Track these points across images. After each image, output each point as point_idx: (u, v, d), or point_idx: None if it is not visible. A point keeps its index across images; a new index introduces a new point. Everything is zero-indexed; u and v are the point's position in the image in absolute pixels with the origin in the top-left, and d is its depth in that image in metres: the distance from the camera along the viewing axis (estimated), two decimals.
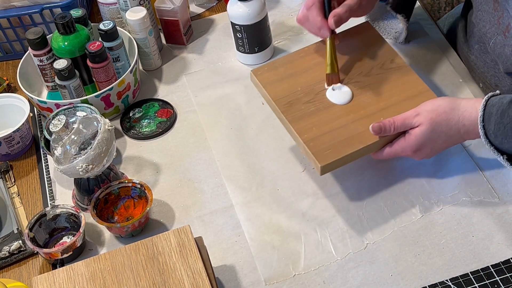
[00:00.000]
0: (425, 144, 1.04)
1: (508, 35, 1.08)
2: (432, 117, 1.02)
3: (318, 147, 1.04)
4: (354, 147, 1.04)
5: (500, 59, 1.13)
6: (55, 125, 1.07)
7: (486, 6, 1.14)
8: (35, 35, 1.27)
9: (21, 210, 1.19)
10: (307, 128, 1.07)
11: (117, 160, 1.24)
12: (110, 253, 0.96)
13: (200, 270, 0.92)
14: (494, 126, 0.99)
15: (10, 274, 1.11)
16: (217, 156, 1.22)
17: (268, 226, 1.10)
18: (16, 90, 1.42)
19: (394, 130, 1.04)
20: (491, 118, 0.99)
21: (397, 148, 1.06)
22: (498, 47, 1.12)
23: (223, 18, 1.51)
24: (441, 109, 1.03)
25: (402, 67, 1.15)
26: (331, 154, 1.04)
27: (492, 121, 0.99)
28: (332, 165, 1.04)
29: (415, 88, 1.11)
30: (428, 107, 1.04)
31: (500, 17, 1.10)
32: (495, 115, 0.98)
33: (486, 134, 1.00)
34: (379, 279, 1.01)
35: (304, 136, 1.06)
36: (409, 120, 1.04)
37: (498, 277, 0.99)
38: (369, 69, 1.15)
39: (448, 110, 1.02)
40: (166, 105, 1.33)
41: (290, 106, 1.10)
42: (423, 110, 1.03)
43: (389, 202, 1.10)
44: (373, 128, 1.04)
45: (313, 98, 1.11)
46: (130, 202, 1.14)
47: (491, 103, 1.00)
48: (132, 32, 1.35)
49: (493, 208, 1.07)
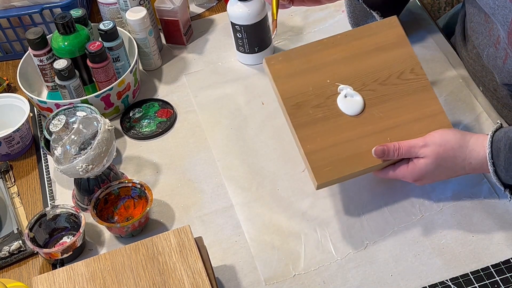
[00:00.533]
0: (427, 176, 1.03)
1: (499, 47, 1.08)
2: (439, 152, 1.01)
3: (319, 163, 1.02)
4: (354, 168, 1.03)
5: (494, 69, 1.13)
6: (55, 125, 1.07)
7: (478, 17, 1.14)
8: (35, 35, 1.27)
9: (21, 210, 1.19)
10: (312, 138, 1.04)
11: (117, 160, 1.24)
12: (110, 253, 0.96)
13: (200, 270, 0.92)
14: (504, 161, 0.98)
15: (10, 274, 1.11)
16: (217, 156, 1.22)
17: (268, 226, 1.10)
18: (16, 90, 1.42)
19: (398, 156, 1.02)
20: (500, 154, 0.98)
21: (398, 174, 1.04)
22: (491, 59, 1.12)
23: (223, 18, 1.51)
24: (449, 146, 1.01)
25: (420, 79, 1.09)
26: (330, 172, 1.02)
27: (501, 157, 0.98)
28: (328, 183, 1.03)
29: (429, 108, 1.07)
30: (437, 140, 1.01)
31: (491, 29, 1.10)
32: (503, 150, 0.98)
33: (496, 172, 0.99)
34: (379, 279, 1.01)
35: (307, 146, 1.04)
36: (415, 149, 1.02)
37: (498, 277, 0.99)
38: (387, 77, 1.09)
39: (456, 147, 1.01)
40: (166, 105, 1.33)
41: (297, 108, 1.06)
42: (431, 143, 1.01)
43: (389, 202, 1.10)
44: (376, 152, 1.02)
45: (323, 102, 1.07)
46: (130, 202, 1.14)
47: (496, 138, 0.99)
48: (132, 32, 1.35)
49: (493, 208, 1.07)
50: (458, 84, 1.27)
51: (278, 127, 1.25)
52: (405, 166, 1.03)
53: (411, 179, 1.04)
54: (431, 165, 1.01)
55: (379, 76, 1.09)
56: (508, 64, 1.07)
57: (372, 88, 1.08)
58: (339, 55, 1.11)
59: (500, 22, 1.04)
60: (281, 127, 1.25)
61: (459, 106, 1.23)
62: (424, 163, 1.01)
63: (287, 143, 1.22)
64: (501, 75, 1.10)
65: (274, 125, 1.26)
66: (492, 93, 1.20)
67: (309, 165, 1.03)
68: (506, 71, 1.08)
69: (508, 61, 1.07)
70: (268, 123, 1.26)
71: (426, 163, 1.01)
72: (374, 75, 1.09)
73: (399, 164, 1.04)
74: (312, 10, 1.49)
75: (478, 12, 1.14)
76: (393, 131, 1.05)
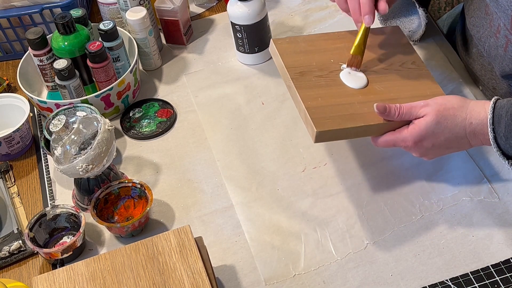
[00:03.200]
0: (427, 136, 1.01)
1: (499, 35, 1.08)
2: (439, 109, 1.00)
3: (319, 115, 1.01)
4: (355, 123, 1.01)
5: (495, 61, 1.13)
6: (55, 125, 1.07)
7: (479, 12, 1.15)
8: (35, 35, 1.27)
9: (21, 210, 1.19)
10: (313, 98, 1.04)
11: (117, 160, 1.24)
12: (110, 253, 0.96)
13: (200, 270, 0.92)
14: (504, 129, 0.97)
15: (10, 274, 1.11)
16: (217, 156, 1.22)
17: (268, 226, 1.10)
18: (16, 90, 1.42)
19: (398, 115, 1.01)
20: (501, 120, 0.97)
21: (398, 136, 1.03)
22: (492, 49, 1.12)
23: (223, 18, 1.51)
24: (449, 104, 1.01)
25: (421, 69, 1.12)
26: (330, 123, 1.01)
27: (502, 124, 0.97)
28: (328, 134, 1.01)
29: (430, 90, 1.09)
30: (438, 100, 1.02)
31: (491, 20, 1.10)
32: (505, 116, 0.97)
33: (496, 138, 0.99)
34: (379, 279, 1.01)
35: (308, 103, 1.03)
36: (416, 109, 1.01)
37: (498, 277, 0.99)
38: (389, 64, 1.12)
39: (456, 107, 1.01)
40: (166, 105, 1.33)
41: (301, 75, 1.07)
42: (433, 102, 1.01)
43: (389, 202, 1.10)
44: (378, 107, 1.01)
45: (326, 74, 1.08)
46: (130, 202, 1.14)
47: (499, 105, 0.98)
48: (132, 32, 1.35)
49: (493, 208, 1.07)
50: (458, 84, 1.27)
51: (278, 127, 1.25)
52: (406, 128, 1.02)
53: (411, 141, 1.02)
54: (431, 123, 1.00)
55: (381, 63, 1.12)
56: (510, 51, 1.07)
57: (374, 70, 1.11)
58: (343, 45, 1.14)
59: (504, 7, 1.04)
60: (281, 127, 1.25)
61: None
62: (424, 121, 1.00)
63: (287, 143, 1.22)
64: (503, 64, 1.10)
65: (274, 125, 1.26)
66: (492, 92, 1.20)
67: (308, 116, 1.01)
68: (508, 58, 1.08)
69: (509, 47, 1.07)
70: (268, 123, 1.26)
71: (426, 120, 1.00)
72: (376, 61, 1.12)
73: (400, 129, 1.03)
74: (312, 10, 1.49)
75: (478, 6, 1.14)
76: (394, 101, 1.05)
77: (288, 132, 1.24)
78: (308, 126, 1.02)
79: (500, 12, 1.06)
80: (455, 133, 1.01)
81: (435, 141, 1.02)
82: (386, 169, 1.15)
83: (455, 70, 1.29)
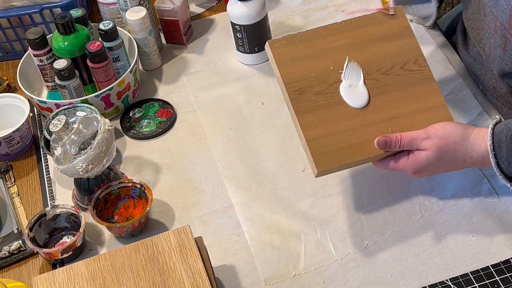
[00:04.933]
0: (427, 168, 1.02)
1: (497, 36, 1.09)
2: (440, 145, 1.00)
3: (319, 150, 1.02)
4: (355, 157, 1.02)
5: (494, 61, 1.13)
6: (55, 125, 1.07)
7: (477, 15, 1.15)
8: (35, 35, 1.27)
9: (21, 210, 1.19)
10: (313, 125, 1.03)
11: (117, 160, 1.24)
12: (110, 253, 0.96)
13: (200, 270, 0.92)
14: (506, 153, 0.98)
15: (10, 274, 1.11)
16: (217, 156, 1.22)
17: (268, 226, 1.10)
18: (16, 90, 1.42)
19: (399, 147, 1.02)
20: (502, 145, 0.98)
21: (398, 165, 1.04)
22: (492, 50, 1.12)
23: (223, 18, 1.51)
24: (451, 139, 1.01)
25: (423, 71, 1.09)
26: (330, 160, 1.01)
27: (503, 149, 0.98)
28: (328, 171, 1.03)
29: (431, 101, 1.07)
30: (439, 132, 1.01)
31: (489, 21, 1.10)
32: (505, 141, 0.97)
33: (498, 164, 0.99)
34: (379, 279, 1.01)
35: (308, 133, 1.03)
36: (417, 141, 1.01)
37: (498, 277, 0.99)
38: (390, 66, 1.09)
39: (457, 141, 1.01)
40: (166, 105, 1.33)
41: (300, 94, 1.05)
42: (434, 135, 1.01)
43: (389, 202, 1.10)
44: (378, 143, 1.01)
45: (326, 89, 1.06)
46: (130, 202, 1.14)
47: (497, 130, 0.99)
48: (132, 32, 1.35)
49: (493, 208, 1.07)
50: (458, 84, 1.27)
51: (278, 127, 1.25)
52: (406, 158, 1.03)
53: (411, 171, 1.03)
54: (432, 158, 1.01)
55: (382, 66, 1.09)
56: (509, 49, 1.07)
57: (375, 77, 1.08)
58: (343, 41, 1.10)
59: (502, 6, 1.04)
60: (281, 127, 1.25)
61: (459, 106, 1.23)
62: (425, 155, 1.01)
63: (287, 143, 1.22)
64: (502, 63, 1.10)
65: (274, 125, 1.26)
66: (492, 92, 1.20)
67: (309, 152, 1.02)
68: (508, 57, 1.08)
69: (508, 46, 1.07)
70: (268, 123, 1.26)
71: (427, 155, 1.01)
72: (377, 64, 1.09)
73: (400, 155, 1.04)
74: (312, 10, 1.49)
75: (477, 9, 1.14)
76: (395, 121, 1.05)
77: (288, 132, 1.24)
78: (309, 160, 1.03)
79: (497, 12, 1.06)
80: (455, 165, 1.03)
81: (434, 171, 1.04)
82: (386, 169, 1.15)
83: (455, 70, 1.29)
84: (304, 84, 1.06)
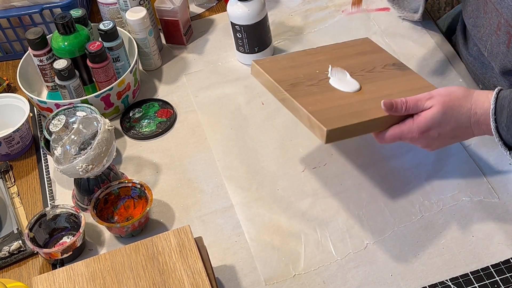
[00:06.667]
0: (434, 127, 1.01)
1: (500, 32, 1.09)
2: (445, 101, 1.00)
3: (324, 116, 1.00)
4: (362, 118, 1.01)
5: (496, 59, 1.13)
6: (55, 125, 1.07)
7: (477, 12, 1.15)
8: (35, 35, 1.27)
9: (21, 210, 1.19)
10: (312, 103, 1.03)
11: (117, 160, 1.24)
12: (110, 253, 0.96)
13: (200, 270, 0.92)
14: (506, 119, 0.97)
15: (10, 274, 1.11)
16: (217, 156, 1.22)
17: (268, 226, 1.10)
18: (16, 90, 1.42)
19: (405, 110, 1.01)
20: (503, 110, 0.97)
21: (404, 129, 1.02)
22: (494, 47, 1.12)
23: (223, 18, 1.51)
24: (454, 95, 1.01)
25: (404, 68, 1.15)
26: (337, 121, 0.99)
27: (504, 114, 0.97)
28: (338, 132, 0.99)
29: (419, 83, 1.11)
30: (442, 91, 1.02)
31: (490, 18, 1.10)
32: (507, 107, 0.97)
33: (497, 128, 0.99)
34: (379, 279, 1.01)
35: (309, 108, 1.01)
36: (422, 102, 1.01)
37: (498, 277, 0.99)
38: (371, 67, 1.14)
39: (461, 97, 1.01)
40: (166, 105, 1.33)
41: (293, 87, 1.06)
42: (437, 94, 1.01)
43: (389, 202, 1.10)
44: (385, 104, 1.01)
45: (317, 83, 1.09)
46: (130, 202, 1.14)
47: (502, 95, 0.98)
48: (132, 32, 1.35)
49: (493, 208, 1.07)
50: (458, 84, 1.27)
51: (278, 127, 1.25)
52: (411, 120, 1.02)
53: (417, 133, 1.01)
54: (437, 114, 1.00)
55: (364, 67, 1.14)
56: None
57: (360, 74, 1.12)
58: (323, 57, 1.16)
59: (508, 3, 1.04)
60: (281, 127, 1.25)
61: None
62: (430, 113, 1.00)
63: (287, 143, 1.22)
64: (505, 60, 1.10)
65: (274, 125, 1.26)
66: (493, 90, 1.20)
67: (314, 119, 0.99)
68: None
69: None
70: (268, 123, 1.26)
71: (433, 112, 1.00)
72: (359, 67, 1.14)
73: (405, 120, 1.02)
74: (312, 10, 1.49)
75: (476, 7, 1.15)
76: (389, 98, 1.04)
77: (288, 132, 1.24)
78: (316, 129, 1.00)
79: (502, 8, 1.06)
80: (461, 123, 1.01)
81: (441, 130, 1.02)
82: (386, 169, 1.15)
83: (455, 70, 1.29)
84: (296, 81, 1.08)
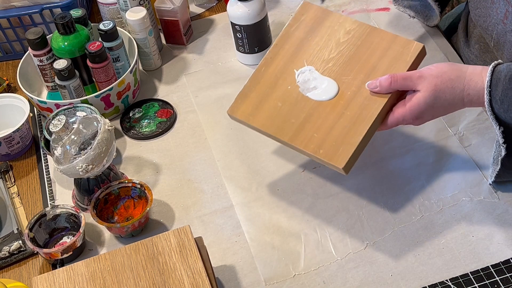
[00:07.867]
0: (427, 111, 1.00)
1: (507, 21, 1.08)
2: (436, 84, 0.99)
3: (330, 151, 1.01)
4: (362, 132, 1.01)
5: (503, 48, 1.11)
6: (55, 125, 1.07)
7: (484, 2, 1.14)
8: (35, 35, 1.27)
9: (21, 210, 1.19)
10: (309, 138, 1.03)
11: (117, 160, 1.24)
12: (110, 253, 0.96)
13: (200, 270, 0.92)
14: (501, 92, 0.96)
15: (10, 274, 1.11)
16: (217, 156, 1.22)
17: (268, 226, 1.10)
18: (16, 90, 1.42)
19: (392, 84, 1.00)
20: (499, 83, 0.96)
21: (398, 116, 1.01)
22: (501, 36, 1.11)
23: (223, 18, 1.51)
24: (446, 76, 0.99)
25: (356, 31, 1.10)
26: (345, 150, 1.00)
27: (499, 87, 0.96)
28: (351, 160, 1.00)
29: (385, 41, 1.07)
30: (433, 71, 1.00)
31: (498, 7, 1.09)
32: (503, 80, 0.96)
33: (491, 102, 0.97)
34: (379, 279, 1.01)
35: (310, 147, 1.03)
36: (412, 79, 1.00)
37: (498, 277, 0.99)
38: (328, 52, 1.10)
39: (453, 78, 0.99)
40: (166, 105, 1.33)
41: (282, 125, 1.06)
42: (428, 75, 0.99)
43: (389, 202, 1.10)
44: (369, 85, 1.01)
45: (297, 105, 1.07)
46: (130, 202, 1.14)
47: (498, 69, 0.97)
48: (132, 32, 1.35)
49: (493, 208, 1.07)
50: None
51: None
52: (403, 105, 1.01)
53: (411, 118, 1.01)
54: (429, 98, 0.99)
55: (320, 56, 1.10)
56: None
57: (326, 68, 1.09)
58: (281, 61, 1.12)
59: None
60: None
61: None
62: (422, 97, 0.99)
63: None
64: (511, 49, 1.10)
65: None
66: None
67: (323, 159, 1.01)
68: None
69: None
70: None
71: (424, 96, 0.99)
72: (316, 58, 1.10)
73: (397, 105, 1.02)
74: None
75: None
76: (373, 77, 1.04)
77: None
78: (330, 166, 1.02)
79: None
80: (453, 104, 1.01)
81: (434, 113, 1.01)
82: (386, 169, 1.15)
83: None
84: (279, 118, 1.06)
